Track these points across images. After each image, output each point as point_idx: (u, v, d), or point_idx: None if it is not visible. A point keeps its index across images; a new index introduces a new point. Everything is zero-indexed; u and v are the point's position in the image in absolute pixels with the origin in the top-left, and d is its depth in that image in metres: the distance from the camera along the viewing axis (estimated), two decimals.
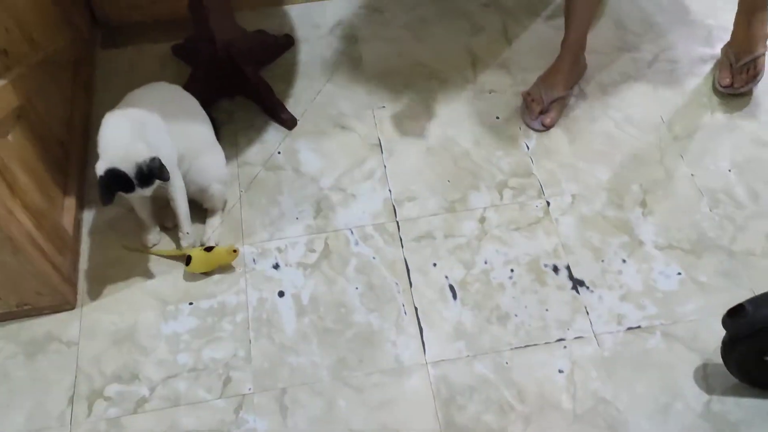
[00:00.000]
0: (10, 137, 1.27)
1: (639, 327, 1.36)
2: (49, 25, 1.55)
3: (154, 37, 1.83)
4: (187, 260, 1.41)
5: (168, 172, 1.23)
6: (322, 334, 1.37)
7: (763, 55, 1.63)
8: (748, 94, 1.67)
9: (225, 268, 1.44)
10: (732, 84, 1.64)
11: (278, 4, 1.90)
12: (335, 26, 1.85)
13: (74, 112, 1.61)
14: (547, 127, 1.61)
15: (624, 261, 1.44)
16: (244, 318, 1.39)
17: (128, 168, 1.21)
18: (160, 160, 1.22)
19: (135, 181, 1.22)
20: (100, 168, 1.21)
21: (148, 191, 1.25)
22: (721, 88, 1.65)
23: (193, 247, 1.45)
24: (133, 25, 1.85)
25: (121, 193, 1.25)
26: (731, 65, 1.64)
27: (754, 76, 1.64)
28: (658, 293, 1.40)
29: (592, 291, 1.40)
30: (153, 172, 1.22)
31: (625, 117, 1.65)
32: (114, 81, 1.75)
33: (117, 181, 1.22)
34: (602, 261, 1.44)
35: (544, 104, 1.61)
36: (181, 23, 1.80)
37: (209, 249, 1.42)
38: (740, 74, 1.64)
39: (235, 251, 1.41)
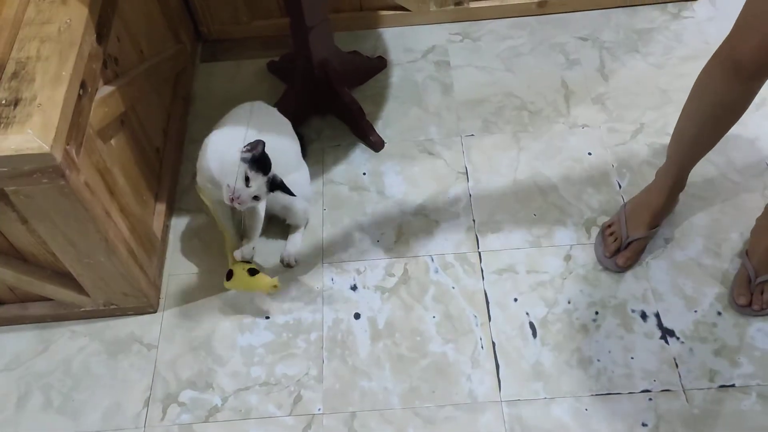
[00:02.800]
0: (113, 142, 1.32)
1: (733, 386, 1.27)
2: (157, 37, 1.61)
3: (252, 53, 1.88)
4: (228, 275, 1.36)
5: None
6: (396, 360, 1.35)
7: None
8: None
9: (269, 293, 1.39)
10: (750, 304, 1.35)
11: (373, 27, 1.92)
12: (428, 51, 1.85)
13: (171, 121, 1.66)
14: (621, 268, 1.41)
15: (719, 313, 1.36)
16: (319, 337, 1.39)
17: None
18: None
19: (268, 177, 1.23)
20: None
21: (258, 188, 1.23)
22: (737, 308, 1.36)
23: (242, 260, 1.37)
24: (232, 40, 1.91)
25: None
26: (750, 280, 1.36)
27: None
28: (755, 351, 1.31)
29: (682, 342, 1.33)
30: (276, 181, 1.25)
31: (727, 161, 1.57)
32: (211, 93, 1.80)
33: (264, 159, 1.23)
34: (695, 311, 1.36)
35: (623, 242, 1.42)
36: (278, 40, 1.85)
37: (253, 272, 1.34)
38: (760, 293, 1.34)
39: (275, 287, 1.33)
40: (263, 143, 1.22)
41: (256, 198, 1.24)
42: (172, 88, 1.70)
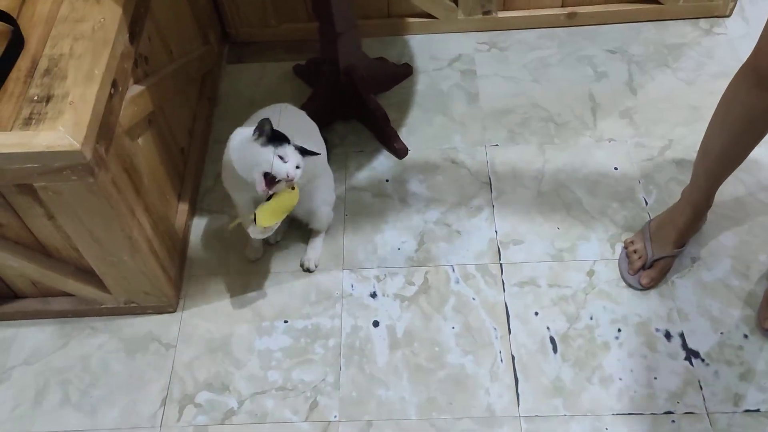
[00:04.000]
0: (140, 141, 1.32)
1: (758, 410, 1.25)
2: (186, 38, 1.62)
3: (278, 56, 1.88)
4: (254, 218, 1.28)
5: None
6: (414, 370, 1.34)
7: None
8: None
9: (291, 209, 1.30)
10: None
11: (400, 34, 1.91)
12: (455, 60, 1.84)
13: (197, 121, 1.67)
14: (644, 288, 1.40)
15: (746, 336, 1.33)
16: (337, 343, 1.38)
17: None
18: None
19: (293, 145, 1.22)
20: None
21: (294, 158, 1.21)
22: (763, 332, 1.33)
23: (258, 237, 1.33)
24: (259, 43, 1.91)
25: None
26: None
27: None
28: None
29: (707, 364, 1.31)
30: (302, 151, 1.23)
31: (756, 182, 1.55)
32: (236, 94, 1.81)
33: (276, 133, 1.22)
34: (721, 333, 1.34)
35: (647, 261, 1.40)
36: (305, 44, 1.86)
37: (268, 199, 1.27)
38: None
39: (293, 188, 1.26)
40: (266, 119, 1.20)
41: (298, 167, 1.22)
42: (198, 88, 1.71)
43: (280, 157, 1.20)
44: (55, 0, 1.22)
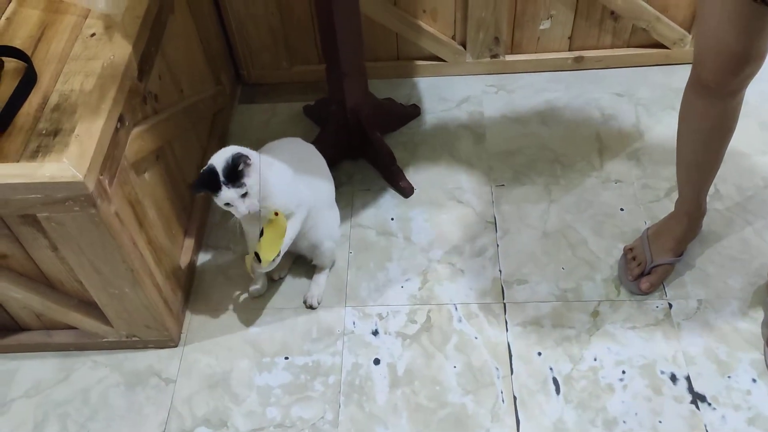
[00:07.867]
0: (146, 175, 1.35)
1: None
2: (198, 78, 1.67)
3: (289, 97, 1.92)
4: (257, 257, 1.29)
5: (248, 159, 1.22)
6: (414, 409, 1.31)
7: None
8: None
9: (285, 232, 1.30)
10: None
11: (409, 76, 1.95)
12: (463, 101, 1.87)
13: (206, 158, 1.69)
14: (644, 293, 1.41)
15: (754, 380, 1.30)
16: (337, 380, 1.37)
17: (219, 164, 1.24)
18: (245, 156, 1.21)
19: (222, 179, 1.23)
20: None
21: (233, 193, 1.22)
22: None
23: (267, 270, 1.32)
24: (270, 84, 1.95)
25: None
26: None
27: None
28: None
29: (714, 408, 1.27)
30: (237, 163, 1.21)
31: (764, 223, 1.53)
32: (247, 134, 1.84)
33: (208, 179, 1.24)
34: (728, 377, 1.31)
35: (646, 267, 1.42)
36: (315, 86, 1.90)
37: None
38: None
39: (276, 214, 1.26)
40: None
41: (245, 195, 1.23)
42: (209, 126, 1.74)
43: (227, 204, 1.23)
44: (69, 39, 1.27)
